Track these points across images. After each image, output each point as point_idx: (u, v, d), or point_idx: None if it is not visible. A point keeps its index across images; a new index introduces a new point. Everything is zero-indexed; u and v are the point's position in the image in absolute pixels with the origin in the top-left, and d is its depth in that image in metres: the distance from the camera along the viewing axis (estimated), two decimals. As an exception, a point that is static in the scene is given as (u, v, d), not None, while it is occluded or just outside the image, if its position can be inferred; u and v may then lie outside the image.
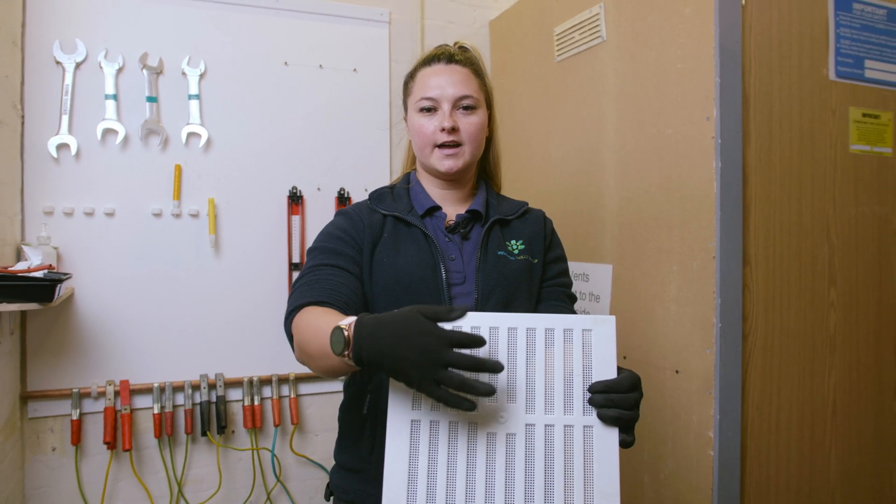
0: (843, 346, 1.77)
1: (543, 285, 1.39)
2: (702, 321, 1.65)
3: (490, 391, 0.91)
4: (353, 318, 0.97)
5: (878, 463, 1.82)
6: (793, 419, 1.70)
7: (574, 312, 1.42)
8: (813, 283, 1.73)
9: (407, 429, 1.02)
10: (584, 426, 1.02)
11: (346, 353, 0.95)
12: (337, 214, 1.37)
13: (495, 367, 0.93)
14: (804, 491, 1.71)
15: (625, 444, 1.03)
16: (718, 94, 1.60)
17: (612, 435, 1.02)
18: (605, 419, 1.01)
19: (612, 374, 1.03)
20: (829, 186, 1.75)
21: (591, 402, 1.02)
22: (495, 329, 1.03)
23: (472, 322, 1.02)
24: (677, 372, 1.73)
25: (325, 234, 1.32)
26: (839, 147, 1.77)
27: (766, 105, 1.66)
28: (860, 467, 1.79)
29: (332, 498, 1.36)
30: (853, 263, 1.78)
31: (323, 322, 1.04)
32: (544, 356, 1.04)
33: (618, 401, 1.00)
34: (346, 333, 0.95)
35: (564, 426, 1.02)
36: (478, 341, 0.91)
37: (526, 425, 1.02)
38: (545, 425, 1.02)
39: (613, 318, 1.05)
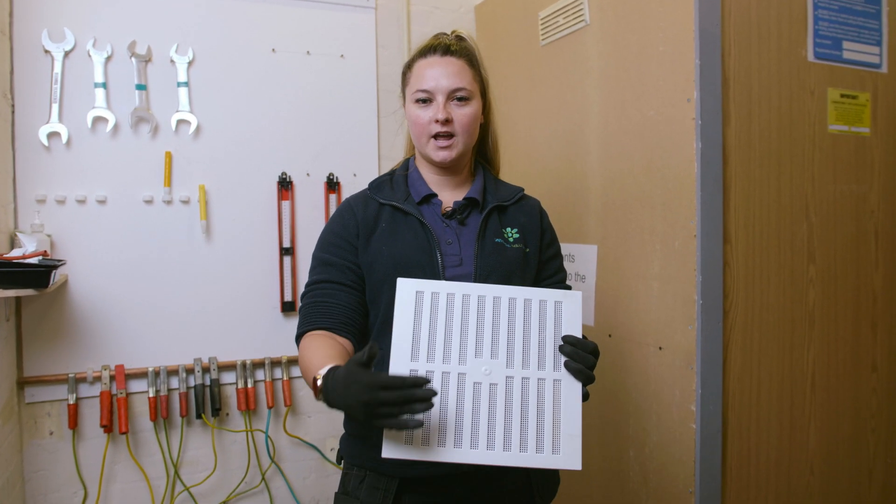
0: (822, 321, 1.82)
1: (545, 282, 1.47)
2: (684, 298, 1.69)
3: (417, 425, 1.06)
4: (327, 370, 1.12)
5: (856, 434, 1.88)
6: (773, 392, 1.75)
7: None
8: (792, 261, 1.77)
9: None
10: (554, 380, 1.21)
11: (320, 398, 1.13)
12: (334, 213, 1.46)
13: (424, 400, 1.03)
14: (784, 462, 1.77)
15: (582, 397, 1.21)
16: (698, 76, 1.63)
17: (576, 387, 1.20)
18: (570, 369, 1.20)
19: (578, 336, 1.23)
20: (808, 166, 1.79)
21: (561, 349, 1.21)
22: (483, 297, 1.23)
23: (468, 290, 1.22)
24: (661, 348, 1.77)
25: (323, 242, 1.42)
26: (818, 127, 1.80)
27: (745, 86, 1.70)
28: (838, 439, 1.85)
29: (342, 461, 1.45)
30: (831, 241, 1.83)
31: (314, 361, 1.20)
32: (523, 321, 1.21)
33: (581, 357, 1.20)
34: (318, 384, 1.13)
35: (538, 379, 1.20)
36: (401, 384, 1.03)
37: (506, 377, 1.19)
38: (522, 378, 1.19)
39: (580, 293, 1.26)
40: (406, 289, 1.21)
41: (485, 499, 1.33)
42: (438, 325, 1.20)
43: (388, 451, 1.12)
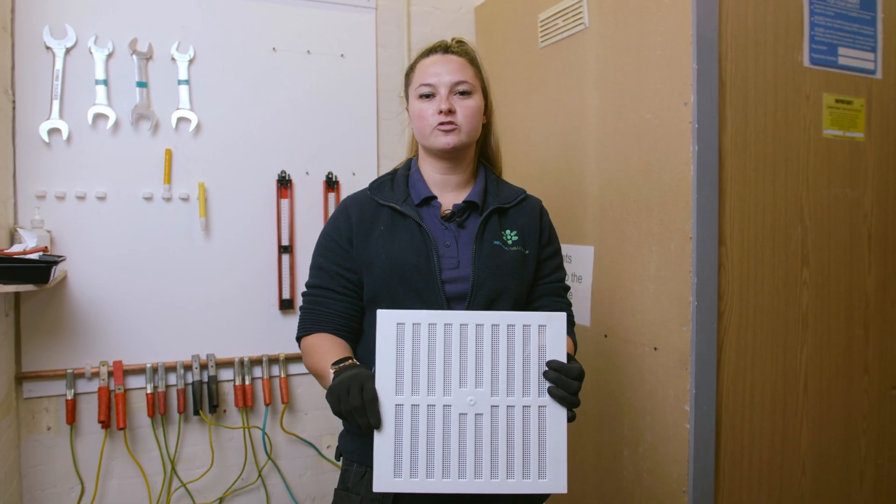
0: (815, 323, 1.84)
1: (541, 282, 1.48)
2: (679, 299, 1.71)
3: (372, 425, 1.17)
4: (332, 372, 1.25)
5: (847, 436, 1.90)
6: (766, 393, 1.77)
7: (570, 304, 1.54)
8: (786, 263, 1.79)
9: (392, 412, 1.18)
10: (539, 406, 1.22)
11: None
12: (332, 215, 1.49)
13: (369, 426, 1.18)
14: (776, 461, 1.79)
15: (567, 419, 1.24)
16: (696, 80, 1.65)
17: (561, 412, 1.22)
18: (554, 396, 1.21)
19: (562, 361, 1.23)
20: (803, 170, 1.81)
21: (545, 374, 1.22)
22: (465, 326, 1.21)
23: (451, 319, 1.22)
24: (656, 349, 1.79)
25: (319, 245, 1.47)
26: (812, 132, 1.82)
27: (741, 91, 1.72)
28: (830, 439, 1.87)
29: (341, 458, 1.47)
30: (825, 244, 1.85)
31: (321, 361, 1.32)
32: (506, 347, 1.22)
33: (565, 383, 1.21)
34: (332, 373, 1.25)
35: (523, 406, 1.21)
36: (355, 406, 1.16)
37: (491, 406, 1.20)
38: (507, 406, 1.21)
39: (564, 314, 1.24)
40: (387, 321, 1.21)
41: (483, 495, 1.34)
42: (421, 356, 1.20)
43: (379, 486, 1.17)
